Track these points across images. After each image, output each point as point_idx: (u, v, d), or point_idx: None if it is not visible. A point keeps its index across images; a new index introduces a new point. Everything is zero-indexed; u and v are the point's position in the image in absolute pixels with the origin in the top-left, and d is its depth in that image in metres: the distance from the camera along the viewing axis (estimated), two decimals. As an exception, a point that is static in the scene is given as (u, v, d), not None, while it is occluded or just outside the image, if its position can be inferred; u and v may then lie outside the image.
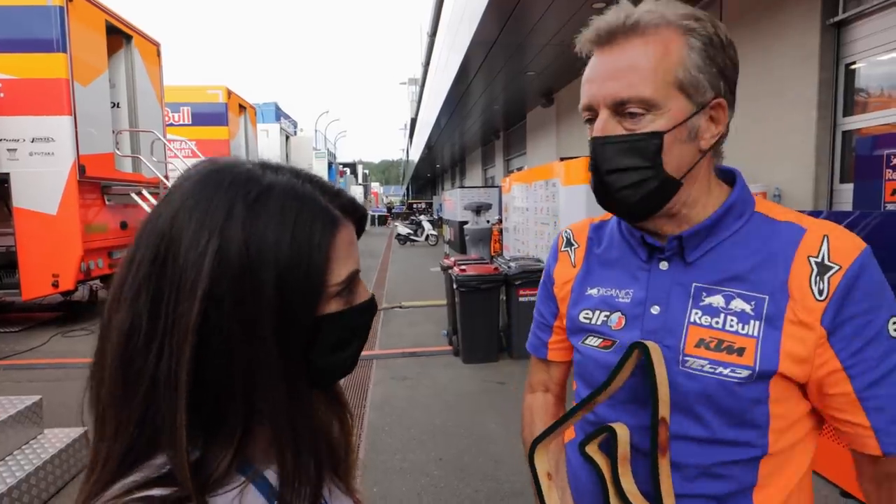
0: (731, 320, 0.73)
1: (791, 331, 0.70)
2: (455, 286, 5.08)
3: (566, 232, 0.98)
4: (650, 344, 0.73)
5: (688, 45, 0.70)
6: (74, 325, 6.69)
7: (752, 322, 0.72)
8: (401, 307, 7.80)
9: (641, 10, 0.71)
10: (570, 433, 0.92)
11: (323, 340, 0.53)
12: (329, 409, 0.64)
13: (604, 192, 0.76)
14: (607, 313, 0.83)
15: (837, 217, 3.24)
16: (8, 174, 6.09)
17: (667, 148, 0.71)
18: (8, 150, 6.07)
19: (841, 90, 4.60)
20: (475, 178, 25.73)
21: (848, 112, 4.59)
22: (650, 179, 0.72)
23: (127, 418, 0.47)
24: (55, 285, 6.26)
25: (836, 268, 0.70)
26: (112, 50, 7.14)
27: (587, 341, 0.85)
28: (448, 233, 16.74)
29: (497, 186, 14.02)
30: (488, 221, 11.33)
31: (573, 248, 0.95)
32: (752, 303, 0.72)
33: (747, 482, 0.75)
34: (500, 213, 10.51)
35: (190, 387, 0.45)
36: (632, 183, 0.73)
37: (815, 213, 3.53)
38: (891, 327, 0.69)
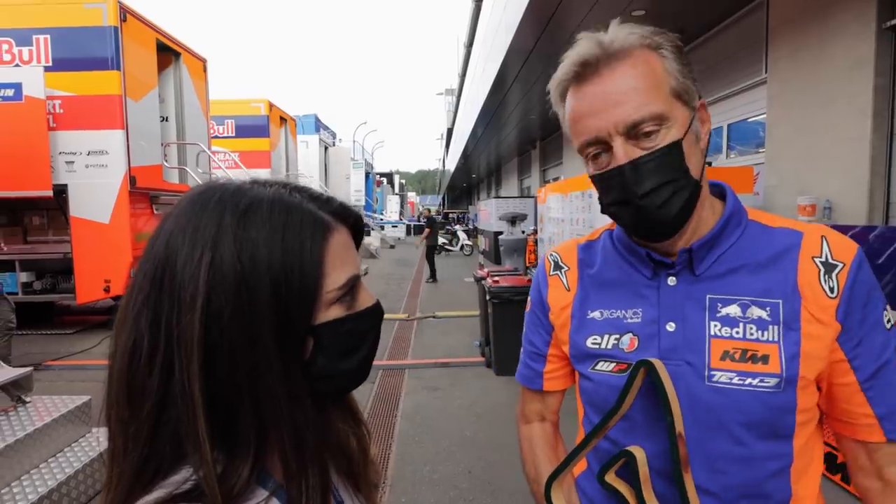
0: (751, 328, 0.72)
1: (809, 330, 0.71)
2: (488, 297, 5.06)
3: (552, 255, 0.94)
4: (655, 361, 0.72)
5: (664, 57, 0.72)
6: (123, 328, 6.98)
7: (770, 327, 0.72)
8: (434, 317, 7.82)
9: (613, 36, 0.72)
10: (579, 466, 0.89)
11: (327, 347, 0.52)
12: (344, 423, 0.64)
13: (642, 216, 0.73)
14: (617, 336, 0.80)
15: (894, 233, 3.07)
16: (66, 185, 6.45)
17: (687, 154, 0.72)
18: (66, 162, 6.44)
19: (898, 97, 4.37)
20: (511, 188, 25.63)
21: (905, 120, 4.34)
22: (683, 188, 0.72)
23: (134, 436, 0.48)
24: (107, 290, 6.57)
25: (841, 265, 0.73)
26: (162, 66, 7.49)
27: (598, 367, 0.82)
28: (483, 243, 16.71)
29: (533, 197, 13.91)
30: (523, 232, 11.25)
31: (563, 270, 0.91)
32: (768, 308, 0.72)
33: (784, 497, 0.74)
34: (536, 224, 10.42)
35: (205, 400, 0.46)
36: (669, 197, 0.72)
37: (870, 229, 3.35)
38: (884, 318, 0.73)
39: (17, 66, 6.36)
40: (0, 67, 6.33)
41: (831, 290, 0.71)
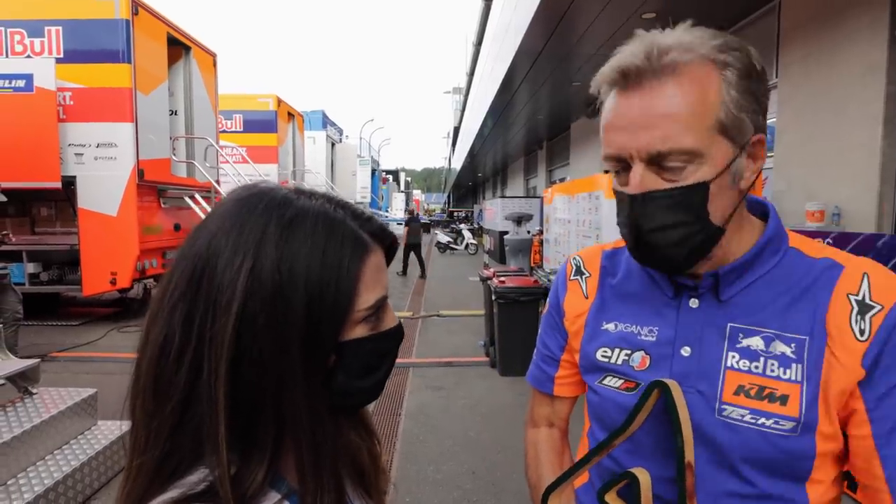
0: (772, 364, 0.67)
1: (830, 374, 0.65)
2: (494, 297, 5.06)
3: (575, 259, 0.91)
4: (670, 382, 0.68)
5: (725, 81, 0.63)
6: (130, 321, 7.03)
7: (793, 366, 0.66)
8: (439, 316, 7.82)
9: (670, 45, 0.63)
10: (581, 478, 0.86)
11: (348, 365, 0.53)
12: (357, 434, 0.64)
13: (646, 251, 0.69)
14: (628, 352, 0.77)
15: (904, 240, 3.05)
16: (75, 177, 6.48)
17: (712, 197, 0.65)
18: (75, 154, 6.47)
19: (910, 105, 4.33)
20: (517, 187, 25.60)
21: (918, 128, 4.31)
22: (697, 234, 0.66)
23: (157, 431, 0.48)
24: (113, 283, 6.61)
25: (878, 307, 0.65)
26: (172, 60, 7.51)
27: (605, 381, 0.78)
28: (488, 242, 16.70)
29: (539, 197, 13.90)
30: (529, 232, 11.23)
31: (584, 276, 0.87)
32: (793, 345, 0.67)
33: None
34: (542, 225, 10.40)
35: (228, 404, 0.46)
36: (679, 240, 0.66)
37: (878, 236, 3.33)
38: None
39: (28, 57, 6.40)
40: (12, 58, 6.37)
41: (861, 332, 0.64)
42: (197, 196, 7.63)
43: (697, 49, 0.63)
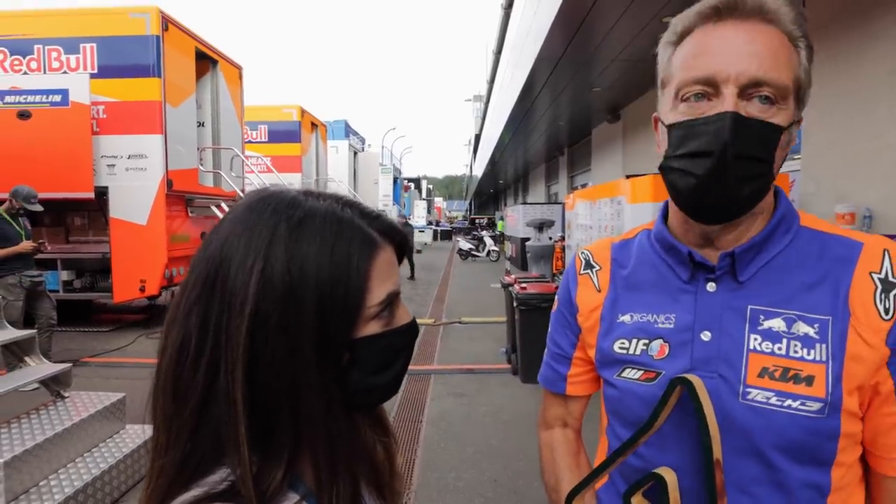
0: (795, 345, 0.66)
1: (854, 351, 0.65)
2: (515, 304, 5.03)
3: (584, 253, 0.90)
4: (693, 378, 0.67)
5: (798, 50, 0.67)
6: (158, 327, 7.18)
7: (817, 346, 0.66)
8: (461, 322, 7.81)
9: (769, 1, 0.66)
10: (602, 478, 0.84)
11: (363, 362, 0.53)
12: (373, 432, 0.64)
13: (716, 177, 0.65)
14: (646, 341, 0.75)
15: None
16: (107, 188, 6.70)
17: (780, 146, 0.66)
18: (108, 165, 6.70)
19: (946, 103, 4.19)
20: (538, 194, 25.47)
21: (954, 127, 4.16)
22: (766, 175, 0.67)
23: (177, 433, 0.49)
24: (142, 290, 6.79)
25: None
26: (200, 73, 7.73)
27: (625, 374, 0.76)
28: (509, 249, 16.65)
29: (560, 203, 13.81)
30: (551, 238, 11.16)
31: (594, 269, 0.86)
32: (816, 325, 0.66)
33: None
34: (563, 230, 10.33)
35: (247, 404, 0.47)
36: (753, 175, 0.65)
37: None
38: None
39: (64, 72, 6.66)
40: (49, 74, 6.63)
41: (886, 311, 0.65)
42: (223, 205, 7.79)
43: (783, 12, 0.66)
